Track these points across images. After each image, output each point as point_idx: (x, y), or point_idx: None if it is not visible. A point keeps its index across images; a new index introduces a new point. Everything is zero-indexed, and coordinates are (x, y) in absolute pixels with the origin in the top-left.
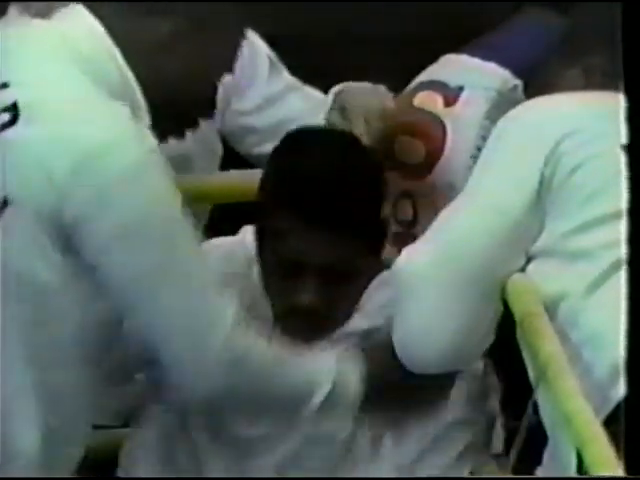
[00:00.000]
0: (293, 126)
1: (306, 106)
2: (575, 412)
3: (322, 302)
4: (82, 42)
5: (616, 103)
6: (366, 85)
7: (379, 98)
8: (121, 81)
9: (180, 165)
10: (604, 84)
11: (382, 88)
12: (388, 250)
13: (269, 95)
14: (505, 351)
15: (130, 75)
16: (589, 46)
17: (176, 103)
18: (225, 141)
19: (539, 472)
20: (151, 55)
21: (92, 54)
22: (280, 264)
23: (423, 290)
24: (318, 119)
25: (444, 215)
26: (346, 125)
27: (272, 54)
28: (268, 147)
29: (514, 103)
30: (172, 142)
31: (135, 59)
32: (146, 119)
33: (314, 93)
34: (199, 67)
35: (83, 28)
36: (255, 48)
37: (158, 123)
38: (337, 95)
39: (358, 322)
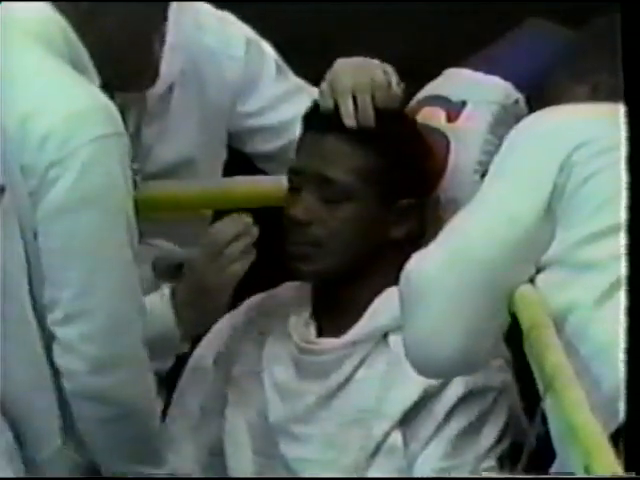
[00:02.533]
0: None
1: None
2: (582, 424)
3: (312, 216)
4: (30, 18)
5: None
6: (356, 60)
7: (368, 71)
8: (70, 49)
9: (184, 168)
10: (611, 102)
11: (374, 61)
12: None
13: (275, 96)
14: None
15: (76, 40)
16: (598, 63)
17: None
18: (230, 146)
19: None
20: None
21: (42, 28)
22: (289, 177)
23: (432, 295)
24: None
25: (455, 221)
26: (333, 102)
27: (279, 58)
28: (274, 145)
29: (517, 117)
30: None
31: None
32: (96, 80)
33: None
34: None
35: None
36: (261, 51)
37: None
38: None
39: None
